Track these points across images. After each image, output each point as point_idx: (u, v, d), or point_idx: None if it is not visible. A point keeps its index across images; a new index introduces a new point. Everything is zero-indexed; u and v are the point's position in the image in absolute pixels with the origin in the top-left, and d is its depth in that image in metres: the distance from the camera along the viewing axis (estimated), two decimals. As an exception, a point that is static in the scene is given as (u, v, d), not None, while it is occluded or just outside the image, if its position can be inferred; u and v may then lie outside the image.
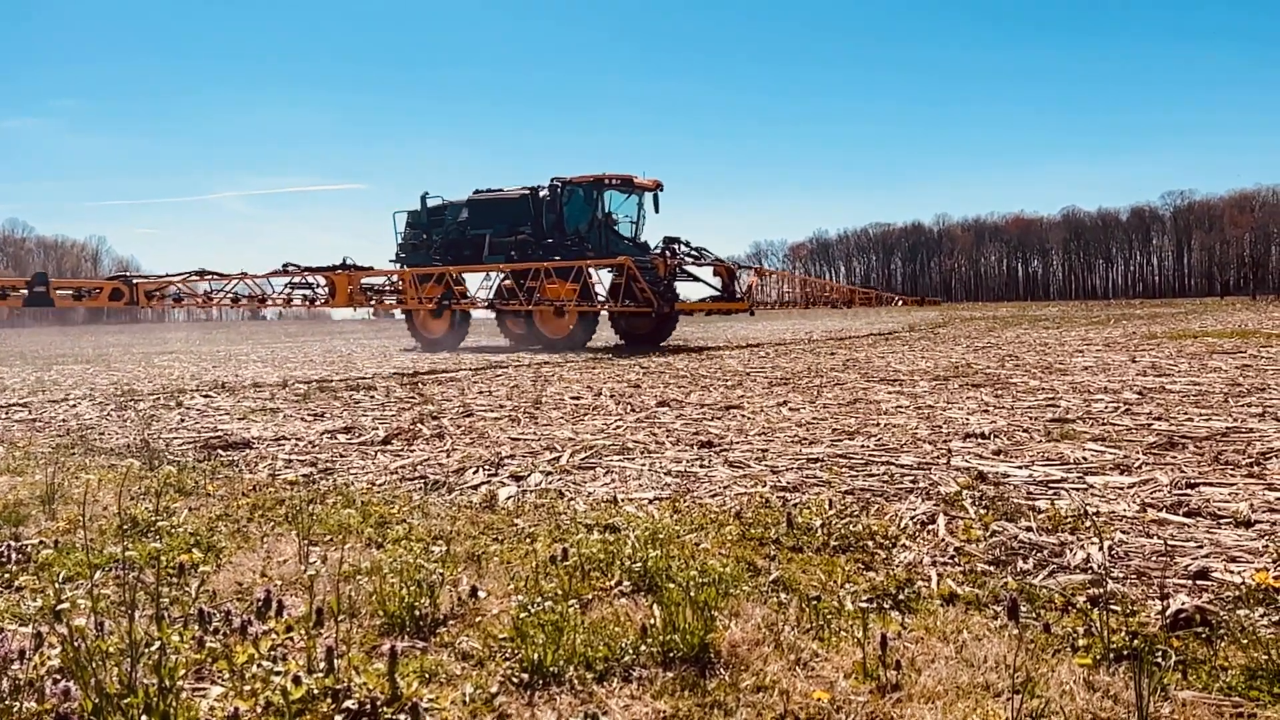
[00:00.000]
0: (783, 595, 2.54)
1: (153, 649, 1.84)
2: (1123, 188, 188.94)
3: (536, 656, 2.06)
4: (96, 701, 1.76)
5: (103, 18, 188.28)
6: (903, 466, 4.19)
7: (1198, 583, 2.53)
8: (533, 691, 1.99)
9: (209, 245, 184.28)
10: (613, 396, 7.64)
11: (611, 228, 18.35)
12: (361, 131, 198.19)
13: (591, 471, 4.37)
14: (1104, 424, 5.25)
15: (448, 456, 4.87)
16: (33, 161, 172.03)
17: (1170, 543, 2.89)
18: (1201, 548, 2.83)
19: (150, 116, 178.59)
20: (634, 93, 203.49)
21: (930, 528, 3.18)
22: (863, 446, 4.76)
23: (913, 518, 3.29)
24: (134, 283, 11.66)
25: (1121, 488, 3.65)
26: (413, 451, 5.11)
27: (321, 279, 14.20)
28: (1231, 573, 2.58)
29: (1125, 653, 2.07)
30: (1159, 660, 2.05)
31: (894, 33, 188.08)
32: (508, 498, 3.87)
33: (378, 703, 1.87)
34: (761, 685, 1.99)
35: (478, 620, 2.41)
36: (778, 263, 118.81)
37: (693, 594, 2.23)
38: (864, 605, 2.44)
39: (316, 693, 1.89)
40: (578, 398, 7.65)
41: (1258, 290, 75.81)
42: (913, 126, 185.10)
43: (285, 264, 14.33)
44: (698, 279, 18.56)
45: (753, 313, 18.90)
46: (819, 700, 1.91)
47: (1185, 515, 3.21)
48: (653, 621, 2.27)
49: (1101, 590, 2.39)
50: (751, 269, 20.02)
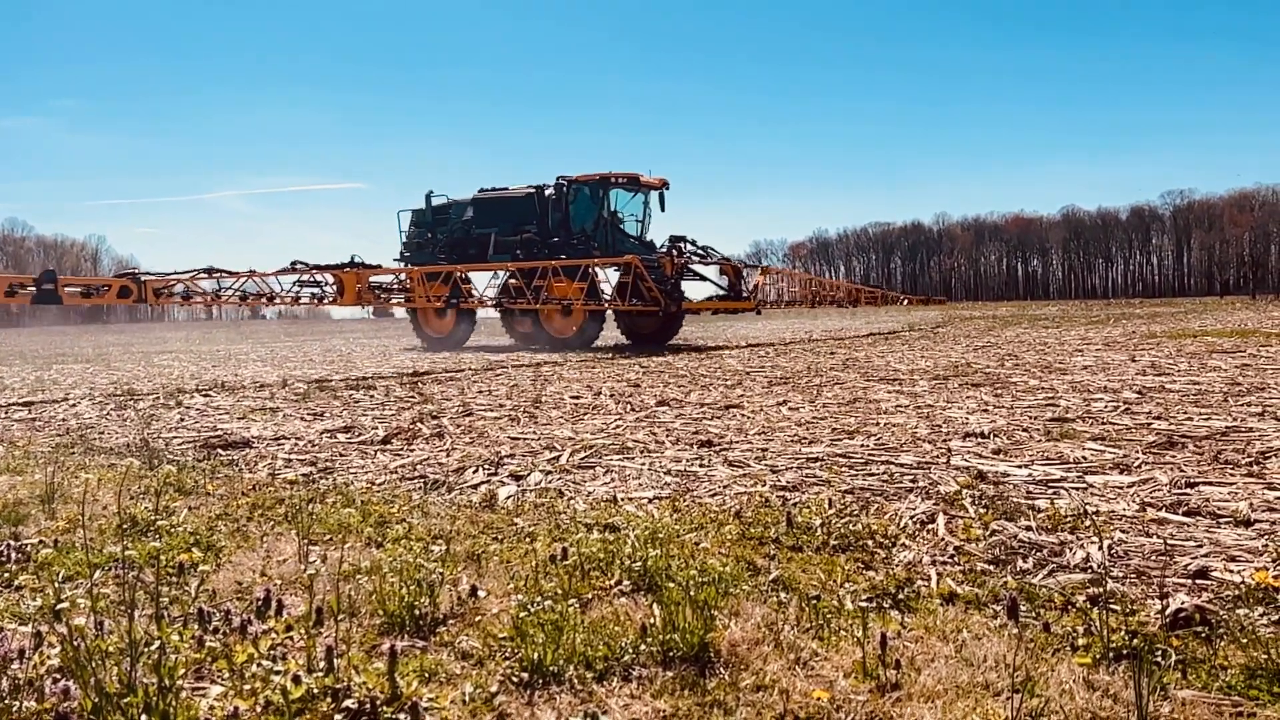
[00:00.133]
0: (782, 594, 2.54)
1: (152, 648, 1.84)
2: (1122, 187, 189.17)
3: (536, 656, 2.06)
4: (96, 701, 1.76)
5: (102, 17, 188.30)
6: (902, 466, 4.19)
7: (1197, 582, 2.53)
8: (532, 691, 1.99)
9: (209, 245, 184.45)
10: (612, 396, 7.64)
11: (617, 226, 18.28)
12: (361, 131, 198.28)
13: (591, 471, 4.37)
14: (1104, 423, 5.25)
15: (447, 456, 4.87)
16: (32, 161, 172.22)
17: (1170, 542, 2.89)
18: (1201, 547, 2.83)
19: (150, 116, 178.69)
20: (634, 93, 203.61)
21: (930, 527, 3.18)
22: (862, 446, 4.76)
23: (912, 517, 3.29)
24: (142, 280, 11.60)
25: (1121, 487, 3.65)
26: (412, 451, 5.11)
27: (329, 277, 14.15)
28: (1231, 572, 2.58)
29: (1125, 652, 2.07)
30: (1158, 659, 2.05)
31: (894, 33, 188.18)
32: (507, 497, 3.87)
33: (377, 702, 1.87)
34: (761, 684, 1.99)
35: (477, 619, 2.41)
36: (778, 262, 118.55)
37: (692, 593, 2.23)
38: (864, 604, 2.44)
39: (316, 692, 1.89)
40: (578, 397, 7.65)
41: (1257, 290, 75.83)
42: (913, 126, 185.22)
43: (293, 262, 14.27)
44: (704, 278, 18.51)
45: (759, 312, 18.77)
46: (819, 699, 1.91)
47: (1185, 514, 3.21)
48: (652, 621, 2.27)
49: (1101, 589, 2.39)
50: (757, 268, 19.93)
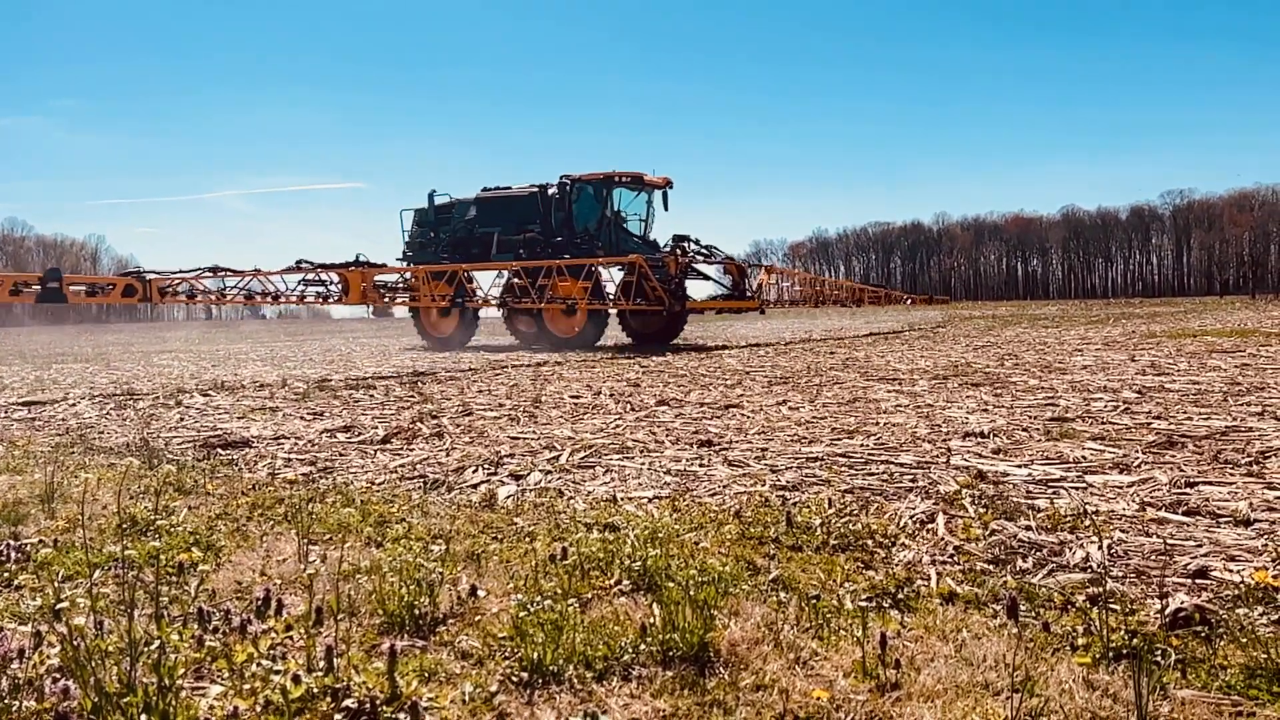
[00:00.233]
0: (782, 594, 2.54)
1: (152, 648, 1.84)
2: (1122, 187, 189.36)
3: (536, 655, 2.06)
4: (96, 700, 1.76)
5: (102, 17, 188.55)
6: (902, 465, 4.19)
7: (1197, 582, 2.53)
8: (532, 690, 1.99)
9: (209, 244, 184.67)
10: (612, 395, 7.64)
11: (621, 226, 18.23)
12: (361, 131, 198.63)
13: (591, 470, 4.37)
14: (1103, 423, 5.25)
15: (447, 455, 4.87)
16: (32, 160, 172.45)
17: (1169, 542, 2.89)
18: (1201, 546, 2.83)
19: (149, 115, 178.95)
20: (634, 93, 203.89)
21: (930, 526, 3.18)
22: (862, 445, 4.76)
23: (912, 517, 3.29)
24: (147, 279, 11.56)
25: (1121, 487, 3.65)
26: (412, 450, 5.10)
27: (335, 276, 14.12)
28: (1231, 572, 2.58)
29: (1124, 651, 2.07)
30: (1158, 659, 2.05)
31: (894, 33, 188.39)
32: (507, 496, 3.87)
33: (377, 701, 1.86)
34: (761, 684, 1.99)
35: (477, 619, 2.41)
36: (778, 262, 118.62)
37: (692, 593, 2.23)
38: (863, 604, 2.44)
39: (316, 691, 1.89)
40: (577, 397, 7.65)
41: (1257, 289, 75.83)
42: (912, 126, 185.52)
43: (299, 260, 14.26)
44: (708, 277, 18.50)
45: (763, 311, 18.69)
46: (818, 699, 1.91)
47: (1184, 514, 3.21)
48: (652, 620, 2.27)
49: (1101, 589, 2.39)
50: (761, 267, 19.89)
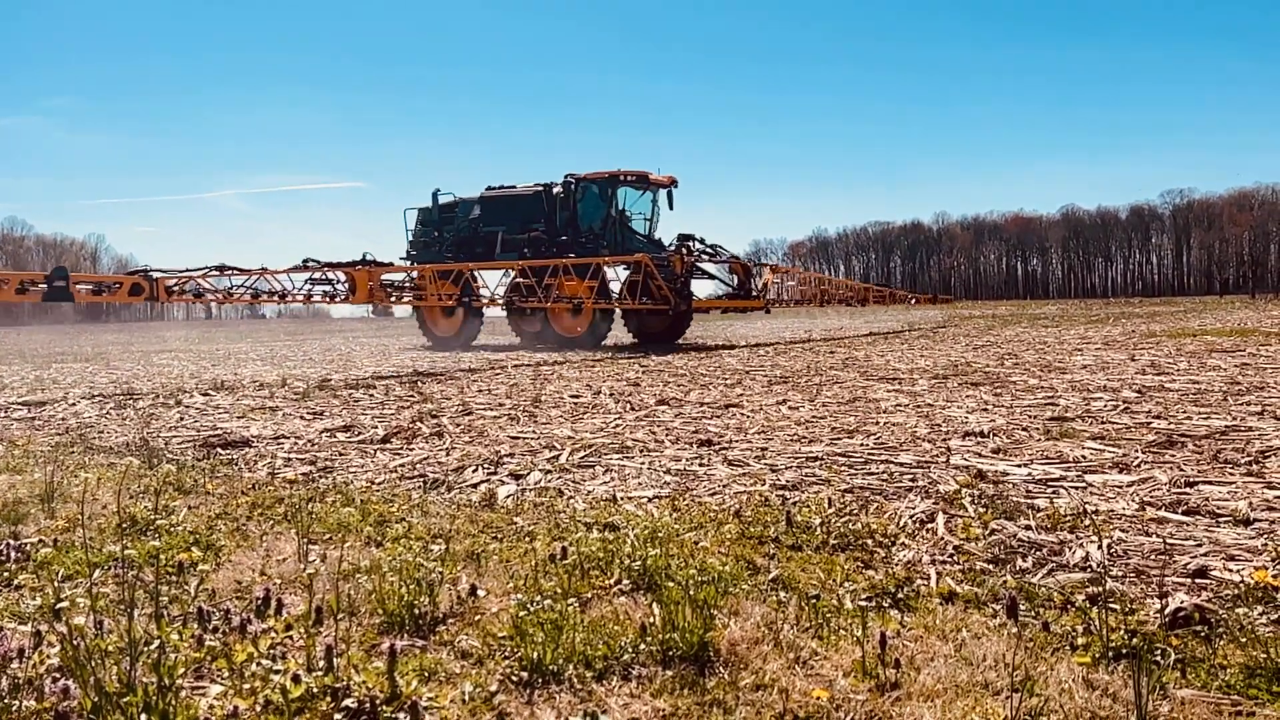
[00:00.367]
0: (782, 594, 2.54)
1: (152, 647, 1.84)
2: (1122, 186, 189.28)
3: (536, 655, 2.06)
4: (96, 700, 1.76)
5: (100, 16, 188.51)
6: (902, 465, 4.19)
7: (1196, 581, 2.53)
8: (532, 690, 1.99)
9: (209, 244, 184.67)
10: (612, 395, 7.64)
11: (626, 225, 18.18)
12: (361, 131, 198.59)
13: (591, 470, 4.37)
14: (1103, 422, 5.25)
15: (447, 455, 4.87)
16: (31, 160, 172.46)
17: (1169, 541, 2.89)
18: (1200, 546, 2.83)
19: (149, 115, 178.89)
20: (634, 92, 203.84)
21: (929, 526, 3.18)
22: (862, 445, 4.76)
23: (912, 516, 3.29)
24: (154, 278, 11.49)
25: (1120, 486, 3.65)
26: (412, 450, 5.10)
27: (341, 275, 14.08)
28: (1230, 571, 2.58)
29: (1124, 651, 2.07)
30: (1158, 659, 2.05)
31: (894, 33, 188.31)
32: (507, 496, 3.87)
33: (377, 701, 1.86)
34: (761, 684, 1.99)
35: (477, 619, 2.41)
36: (778, 261, 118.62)
37: (692, 592, 2.23)
38: (863, 604, 2.44)
39: (316, 691, 1.89)
40: (577, 396, 7.65)
41: (1257, 289, 75.82)
42: (912, 125, 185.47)
43: (305, 259, 14.21)
44: (714, 276, 18.48)
45: (768, 310, 18.61)
46: (818, 699, 1.91)
47: (1184, 514, 3.21)
48: (652, 620, 2.27)
49: (1100, 589, 2.39)
50: (766, 266, 19.81)
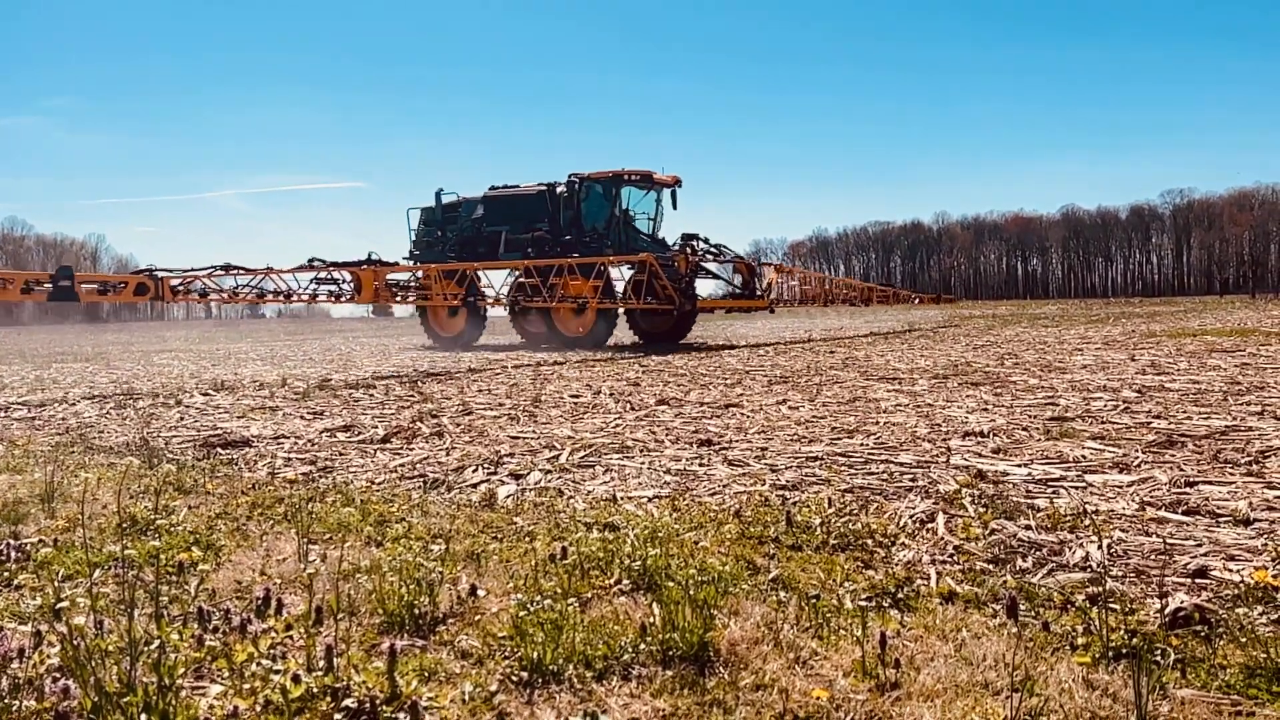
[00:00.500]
0: (782, 594, 2.54)
1: (152, 647, 1.84)
2: (1122, 186, 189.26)
3: (536, 655, 2.06)
4: (96, 700, 1.76)
5: (100, 16, 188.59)
6: (902, 465, 4.19)
7: (1196, 581, 2.53)
8: (532, 690, 1.99)
9: (209, 244, 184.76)
10: (612, 395, 7.64)
11: (630, 224, 18.14)
12: (361, 131, 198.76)
13: (591, 470, 4.37)
14: (1103, 422, 5.25)
15: (447, 455, 4.87)
16: (31, 160, 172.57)
17: (1169, 541, 2.89)
18: (1200, 546, 2.83)
19: (148, 114, 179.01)
20: (634, 92, 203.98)
21: (929, 526, 3.18)
22: (862, 445, 4.76)
23: (912, 516, 3.29)
24: (159, 277, 11.48)
25: (1120, 486, 3.65)
26: (412, 450, 5.10)
27: (347, 274, 14.06)
28: (1230, 571, 2.58)
29: (1124, 651, 2.08)
30: (1158, 659, 2.05)
31: (894, 32, 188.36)
32: (507, 496, 3.87)
33: (377, 701, 1.87)
34: (761, 684, 1.99)
35: (477, 619, 2.41)
36: (778, 261, 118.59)
37: (692, 592, 2.23)
38: (863, 604, 2.44)
39: (316, 691, 1.89)
40: (577, 396, 7.65)
41: (1257, 289, 75.81)
42: (912, 125, 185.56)
43: (311, 259, 14.21)
44: (718, 276, 18.43)
45: (773, 310, 18.53)
46: (818, 699, 1.91)
47: (1184, 514, 3.21)
48: (652, 620, 2.27)
49: (1100, 588, 2.39)
50: (771, 265, 19.75)
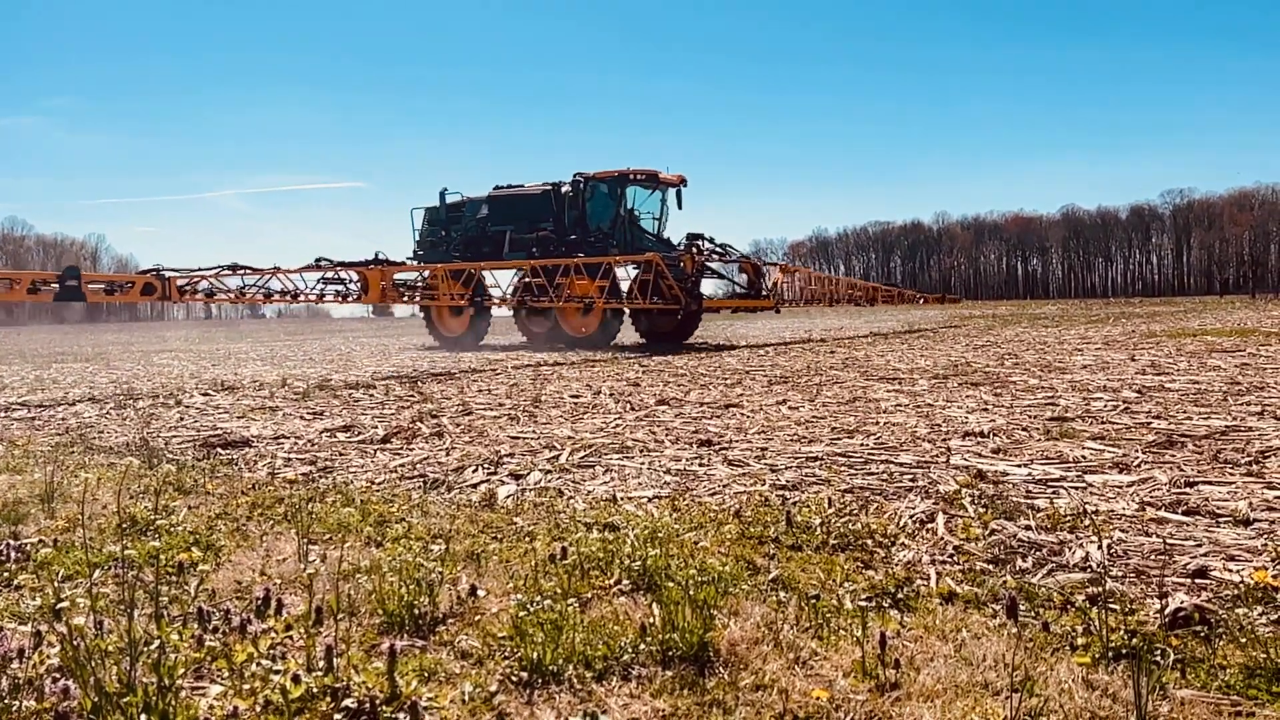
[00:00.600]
0: (782, 594, 2.54)
1: (152, 648, 1.84)
2: (1122, 186, 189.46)
3: (535, 655, 2.06)
4: (95, 700, 1.76)
5: (100, 16, 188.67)
6: (902, 465, 4.19)
7: (1196, 581, 2.53)
8: (532, 690, 1.99)
9: (208, 244, 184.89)
10: (612, 395, 7.64)
11: (635, 224, 18.09)
12: (361, 131, 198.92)
13: (591, 470, 4.37)
14: (1103, 422, 5.25)
15: (447, 455, 4.87)
16: (31, 160, 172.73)
17: (1169, 541, 2.89)
18: (1200, 546, 2.83)
19: (148, 114, 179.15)
20: (635, 92, 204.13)
21: (929, 526, 3.18)
22: (862, 445, 4.76)
23: (912, 516, 3.29)
24: (166, 277, 11.45)
25: (1120, 486, 3.65)
26: (412, 450, 5.10)
27: (354, 274, 14.04)
28: (1230, 571, 2.58)
29: (1124, 651, 2.08)
30: (1157, 659, 2.05)
31: (894, 32, 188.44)
32: (507, 496, 3.87)
33: (377, 701, 1.87)
34: (760, 684, 1.99)
35: (477, 619, 2.41)
36: (779, 260, 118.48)
37: (692, 593, 2.23)
38: (863, 604, 2.44)
39: (316, 691, 1.89)
40: (577, 396, 7.65)
41: (1257, 289, 75.81)
42: (912, 125, 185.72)
43: (318, 259, 14.18)
44: (723, 276, 18.40)
45: (778, 310, 18.49)
46: (818, 699, 1.91)
47: (1184, 514, 3.21)
48: (652, 620, 2.27)
49: (1100, 589, 2.39)
50: (776, 265, 19.69)
